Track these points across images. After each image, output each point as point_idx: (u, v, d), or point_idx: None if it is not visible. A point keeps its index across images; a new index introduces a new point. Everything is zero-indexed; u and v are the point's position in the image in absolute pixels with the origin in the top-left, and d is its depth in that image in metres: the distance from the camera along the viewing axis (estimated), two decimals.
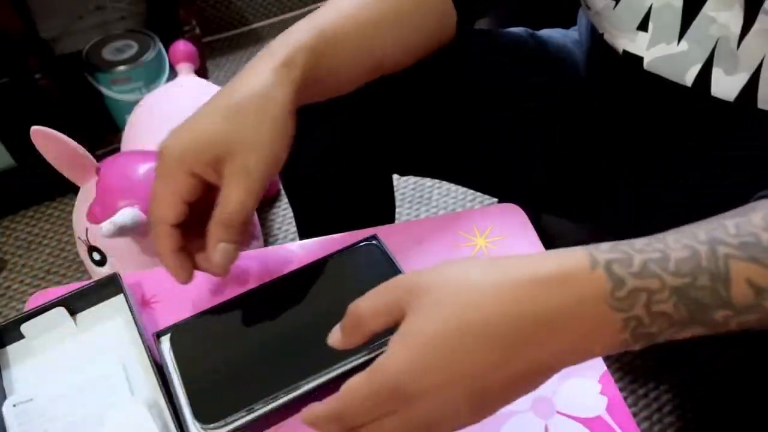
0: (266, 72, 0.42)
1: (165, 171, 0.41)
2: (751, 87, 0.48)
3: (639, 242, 0.33)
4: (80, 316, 0.50)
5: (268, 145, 0.41)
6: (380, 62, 0.51)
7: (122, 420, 0.42)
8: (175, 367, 0.44)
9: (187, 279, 0.45)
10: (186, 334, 0.46)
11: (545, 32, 0.69)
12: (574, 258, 0.32)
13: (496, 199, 1.08)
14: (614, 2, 0.52)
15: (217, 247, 0.42)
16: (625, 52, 0.53)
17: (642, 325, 0.32)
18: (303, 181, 0.65)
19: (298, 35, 0.44)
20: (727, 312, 0.31)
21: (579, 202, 0.68)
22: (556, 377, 0.45)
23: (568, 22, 0.70)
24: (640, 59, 0.52)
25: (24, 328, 0.48)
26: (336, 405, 0.34)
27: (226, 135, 0.40)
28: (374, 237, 0.51)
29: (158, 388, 0.43)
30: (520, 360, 0.32)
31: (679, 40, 0.49)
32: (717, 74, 0.49)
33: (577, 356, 0.33)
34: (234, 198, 0.40)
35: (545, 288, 0.32)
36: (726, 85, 0.49)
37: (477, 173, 0.68)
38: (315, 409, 0.35)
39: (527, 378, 0.33)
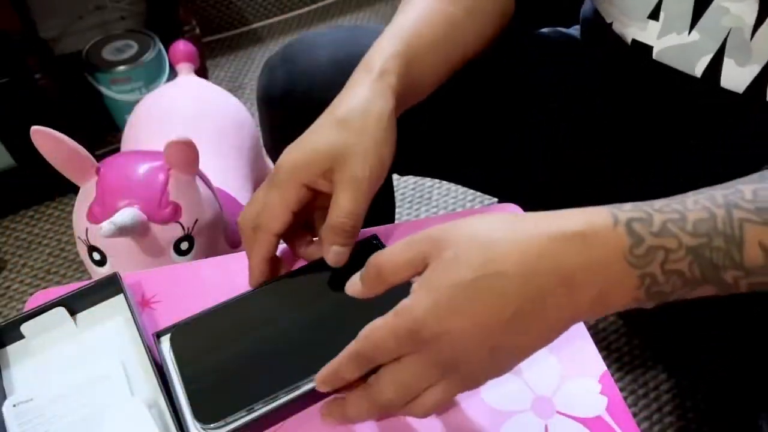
0: (365, 85, 0.45)
1: (278, 183, 0.44)
2: (761, 79, 0.48)
3: (659, 203, 0.34)
4: (80, 315, 0.50)
5: (374, 152, 0.44)
6: (463, 56, 0.54)
7: (122, 420, 0.42)
8: (175, 367, 0.44)
9: (259, 284, 0.48)
10: (186, 334, 0.46)
11: (546, 31, 0.69)
12: (598, 216, 0.34)
13: (496, 199, 1.07)
14: None
15: (330, 249, 0.44)
16: (634, 41, 0.53)
17: (656, 283, 0.33)
18: None
19: (386, 46, 0.47)
20: (738, 273, 0.32)
21: (580, 200, 0.68)
22: (556, 377, 0.46)
23: (569, 22, 0.70)
24: (650, 49, 0.52)
25: (24, 328, 0.48)
26: (357, 344, 0.36)
27: (335, 146, 0.43)
28: (374, 237, 0.51)
29: (158, 388, 0.43)
30: (539, 314, 0.33)
31: (690, 30, 0.49)
32: (728, 65, 0.48)
33: (594, 311, 0.34)
34: (345, 204, 0.43)
35: (568, 244, 0.33)
36: (736, 77, 0.49)
37: (477, 173, 0.68)
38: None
39: (544, 332, 0.35)
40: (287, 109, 0.63)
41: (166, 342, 0.46)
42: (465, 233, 0.35)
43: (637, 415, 0.97)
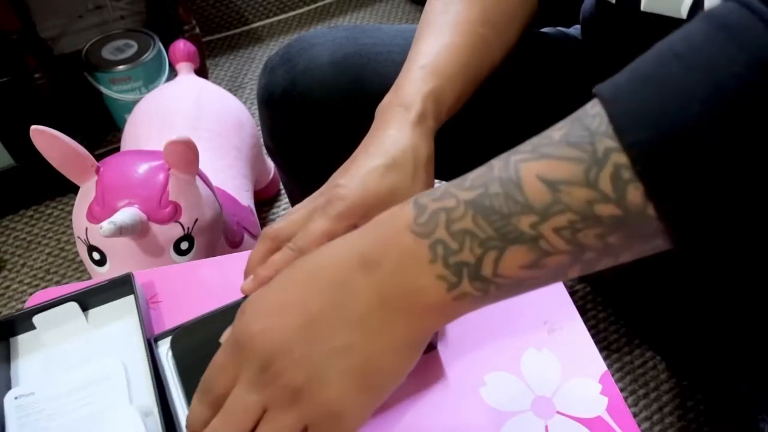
0: (406, 127, 0.46)
1: (331, 214, 0.43)
2: None
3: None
4: (92, 312, 0.51)
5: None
6: (489, 72, 0.53)
7: (116, 426, 0.42)
8: (174, 372, 0.44)
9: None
10: (185, 339, 0.46)
11: (546, 31, 0.68)
12: (397, 207, 0.34)
13: None
14: None
15: None
16: None
17: (450, 251, 0.31)
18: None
19: (420, 82, 0.47)
20: (531, 217, 0.30)
21: None
22: (556, 377, 0.46)
23: (569, 22, 0.70)
24: (638, 2, 0.51)
25: (36, 319, 0.48)
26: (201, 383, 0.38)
27: (390, 191, 0.44)
28: None
29: (155, 397, 0.43)
30: (347, 302, 0.33)
31: None
32: (710, 1, 0.47)
33: (406, 294, 0.33)
34: None
35: (362, 231, 0.35)
36: None
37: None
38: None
39: (362, 323, 0.33)
40: (287, 109, 0.63)
41: (163, 346, 0.46)
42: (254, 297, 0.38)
43: (637, 415, 0.97)
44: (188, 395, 0.43)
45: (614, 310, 1.10)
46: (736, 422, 0.94)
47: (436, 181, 0.50)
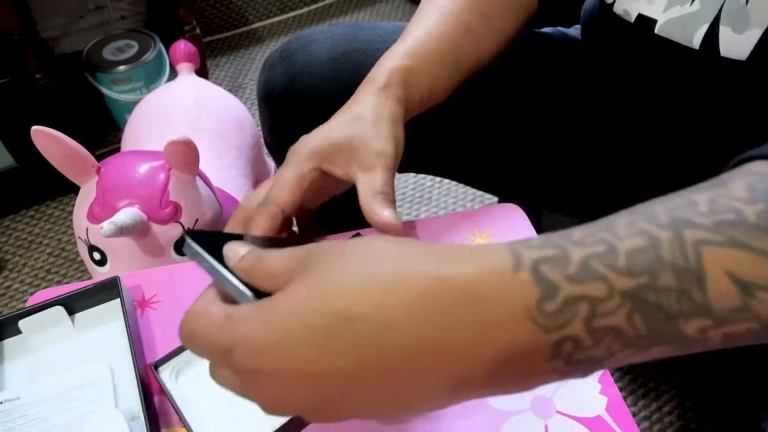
0: (371, 94, 0.46)
1: (294, 162, 0.44)
2: (765, 43, 0.46)
3: (579, 231, 0.26)
4: (79, 316, 0.50)
5: (390, 136, 0.44)
6: (476, 63, 0.54)
7: (101, 430, 0.42)
8: (177, 399, 0.44)
9: None
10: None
11: (546, 31, 0.69)
12: (497, 257, 0.25)
13: (496, 199, 1.08)
14: None
15: (383, 212, 0.40)
16: (639, 16, 0.53)
17: (581, 348, 0.24)
18: None
19: (390, 62, 0.48)
20: (703, 321, 0.23)
21: (580, 200, 0.68)
22: None
23: (569, 22, 0.70)
24: (654, 22, 0.51)
25: (22, 324, 0.48)
26: (188, 323, 0.29)
27: (353, 135, 0.44)
28: (357, 235, 0.51)
29: (140, 401, 0.43)
30: (400, 379, 0.25)
31: (693, 0, 0.48)
32: (724, 33, 0.47)
33: (503, 388, 0.26)
34: (377, 177, 0.42)
35: (451, 297, 0.24)
36: (736, 44, 0.47)
37: (477, 170, 0.68)
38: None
39: (405, 402, 0.26)
40: (287, 106, 0.63)
41: (165, 371, 0.45)
42: (337, 253, 0.27)
43: (636, 415, 0.97)
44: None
45: None
46: (736, 422, 0.94)
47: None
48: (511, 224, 0.55)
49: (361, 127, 0.44)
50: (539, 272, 0.24)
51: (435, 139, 0.64)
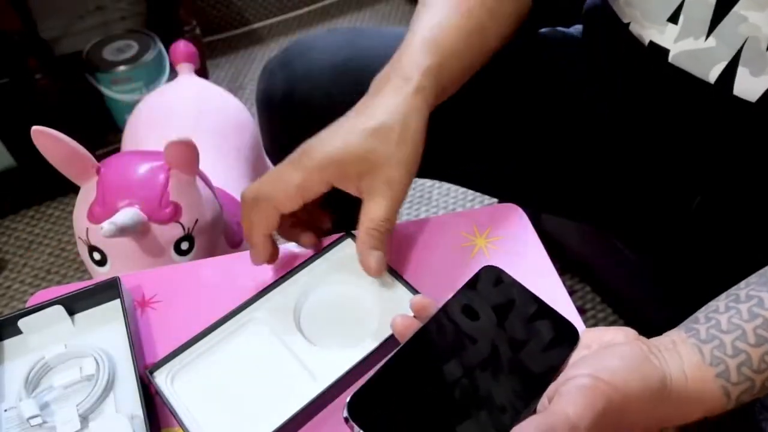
0: (402, 96, 0.45)
1: (304, 167, 0.43)
2: None
3: (757, 356, 0.34)
4: (79, 316, 0.50)
5: (409, 163, 0.44)
6: (484, 61, 0.54)
7: (102, 430, 0.42)
8: (174, 403, 0.43)
9: (263, 262, 0.48)
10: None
11: (546, 31, 0.68)
12: (717, 404, 0.35)
13: (496, 199, 1.08)
14: None
15: (371, 254, 0.44)
16: (651, 43, 0.53)
17: (751, 395, 0.35)
18: None
19: (420, 56, 0.47)
20: None
21: (580, 201, 0.68)
22: None
23: (569, 22, 0.70)
24: (666, 52, 0.52)
25: (22, 323, 0.48)
26: None
27: (370, 153, 0.43)
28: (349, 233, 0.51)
29: (140, 401, 0.43)
30: None
31: (708, 36, 0.49)
32: (742, 74, 0.48)
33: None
34: (380, 208, 0.43)
35: (677, 408, 0.35)
36: (750, 86, 0.48)
37: (477, 172, 0.68)
38: None
39: None
40: (287, 113, 0.63)
41: (160, 376, 0.44)
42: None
43: None
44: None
45: (614, 310, 1.10)
46: (736, 422, 0.94)
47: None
48: (511, 224, 0.55)
49: (384, 146, 0.44)
50: (740, 400, 0.35)
51: (436, 141, 0.64)
